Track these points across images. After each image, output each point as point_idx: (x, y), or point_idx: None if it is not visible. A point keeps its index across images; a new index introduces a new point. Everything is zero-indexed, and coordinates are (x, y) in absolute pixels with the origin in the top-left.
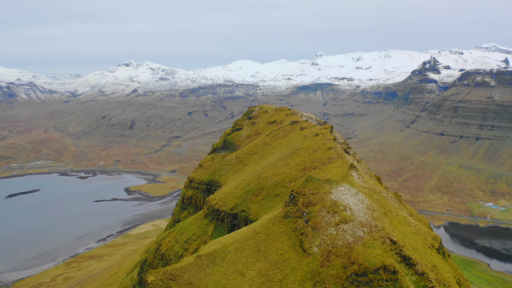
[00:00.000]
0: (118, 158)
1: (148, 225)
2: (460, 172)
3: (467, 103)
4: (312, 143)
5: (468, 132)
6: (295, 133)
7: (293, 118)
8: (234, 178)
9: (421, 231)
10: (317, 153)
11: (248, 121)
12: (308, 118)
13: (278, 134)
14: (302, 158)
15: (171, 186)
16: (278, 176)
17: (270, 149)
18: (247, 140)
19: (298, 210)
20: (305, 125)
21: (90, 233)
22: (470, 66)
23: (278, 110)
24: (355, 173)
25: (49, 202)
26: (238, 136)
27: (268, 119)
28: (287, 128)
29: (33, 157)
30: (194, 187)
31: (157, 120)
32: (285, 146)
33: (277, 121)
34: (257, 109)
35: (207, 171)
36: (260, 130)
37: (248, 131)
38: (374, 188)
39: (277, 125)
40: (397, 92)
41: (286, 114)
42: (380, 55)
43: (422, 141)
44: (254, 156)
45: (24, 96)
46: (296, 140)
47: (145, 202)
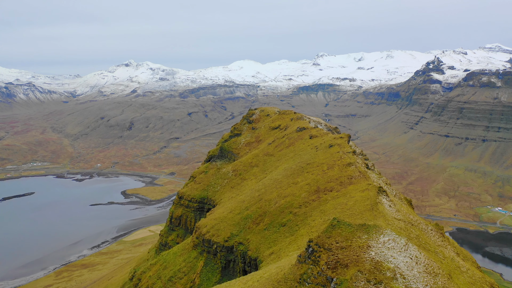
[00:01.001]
0: (116, 160)
1: (145, 230)
2: (467, 175)
3: (473, 104)
4: (325, 156)
5: (474, 134)
6: (303, 142)
7: (300, 124)
8: (230, 197)
9: (475, 277)
10: (333, 170)
11: (247, 125)
12: (317, 123)
13: (282, 142)
14: (314, 176)
15: (169, 189)
16: (284, 198)
17: (274, 161)
18: (247, 148)
19: (320, 274)
20: (315, 132)
21: (84, 239)
22: (475, 66)
23: (281, 113)
24: (385, 199)
25: (43, 206)
26: (236, 143)
27: (270, 124)
28: (293, 135)
29: (29, 159)
30: (184, 204)
31: (156, 121)
32: (292, 159)
33: (281, 126)
34: (258, 112)
35: (199, 186)
36: (262, 137)
37: (247, 137)
38: (410, 220)
39: (281, 132)
40: (400, 92)
41: (292, 118)
42: (382, 55)
43: (426, 143)
44: (255, 169)
45: (23, 96)
46: (305, 152)
47: (142, 206)
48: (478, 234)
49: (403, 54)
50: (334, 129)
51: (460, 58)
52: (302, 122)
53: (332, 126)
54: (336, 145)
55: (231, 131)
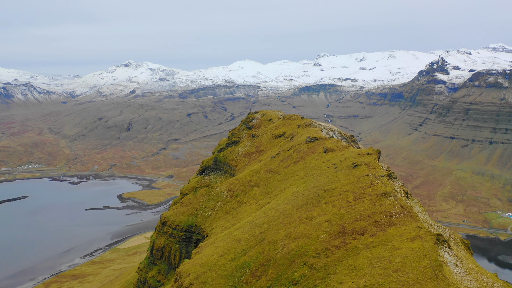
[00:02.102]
0: (114, 162)
1: (140, 237)
2: (474, 179)
3: (479, 105)
4: (349, 180)
5: (481, 136)
6: (316, 157)
7: (310, 132)
8: (224, 226)
9: None
10: (362, 201)
11: (247, 131)
12: (329, 130)
13: (289, 156)
14: (336, 210)
15: (167, 193)
16: (296, 241)
17: (279, 181)
18: (245, 160)
19: None
20: (330, 144)
21: (77, 246)
22: (480, 66)
23: (286, 118)
24: (448, 254)
25: (36, 211)
26: (233, 153)
27: (273, 131)
28: (303, 148)
29: (25, 161)
30: (168, 233)
31: (155, 122)
32: (303, 180)
33: (286, 134)
34: (259, 116)
35: (186, 210)
36: (263, 146)
37: (247, 146)
38: (486, 285)
39: (287, 141)
40: (403, 93)
41: (299, 125)
42: (384, 56)
43: (431, 145)
44: (255, 190)
45: (21, 96)
46: (320, 171)
47: (139, 211)
48: (489, 241)
49: (406, 54)
50: (350, 137)
51: (465, 58)
52: (312, 130)
53: (347, 134)
54: (363, 165)
55: (229, 137)
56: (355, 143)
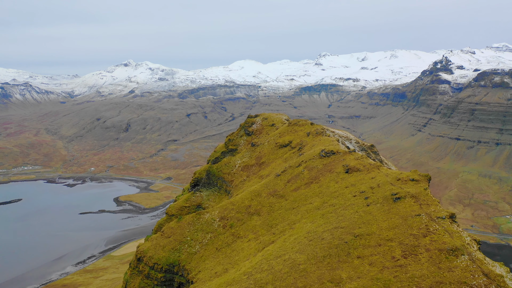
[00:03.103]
0: (111, 164)
1: (135, 244)
2: (481, 181)
3: (485, 106)
4: (391, 221)
5: (487, 137)
6: (335, 178)
7: (324, 143)
8: (214, 271)
9: None
10: (417, 260)
11: (245, 138)
12: (345, 139)
13: (299, 175)
14: (377, 271)
15: (164, 196)
16: None
17: (286, 210)
18: (244, 174)
19: None
20: (353, 162)
21: (69, 253)
22: (485, 66)
23: (292, 124)
24: None
25: (29, 215)
26: (229, 165)
27: (277, 139)
28: (316, 164)
29: (20, 162)
30: (144, 272)
31: (154, 122)
32: (320, 213)
33: (293, 144)
34: (260, 120)
35: (168, 242)
36: (265, 158)
37: (245, 157)
38: None
39: (294, 153)
40: (406, 93)
41: (308, 132)
42: (386, 55)
43: (436, 146)
44: (255, 219)
45: (19, 96)
46: (343, 201)
47: (135, 215)
48: (499, 248)
49: (408, 54)
50: (370, 148)
51: (469, 58)
52: (325, 140)
53: (366, 143)
54: (409, 198)
55: (226, 144)
56: (376, 155)
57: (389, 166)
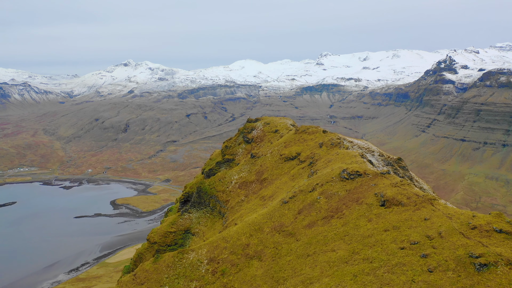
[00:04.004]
0: (109, 165)
1: (131, 249)
2: (488, 184)
3: (491, 106)
4: None
5: (493, 138)
6: (367, 213)
7: (344, 159)
8: None
9: None
10: None
11: (244, 146)
12: (365, 150)
13: (314, 205)
14: None
15: (162, 199)
16: None
17: (298, 257)
18: (241, 193)
19: None
20: (389, 189)
21: (62, 260)
22: (490, 65)
23: (301, 132)
24: None
25: (23, 218)
26: (224, 181)
27: (282, 150)
28: (336, 189)
29: (17, 164)
30: None
31: (153, 123)
32: (349, 273)
33: (302, 157)
34: (261, 125)
35: None
36: (267, 173)
37: (244, 171)
38: None
39: (302, 168)
40: (409, 93)
41: (321, 143)
42: (388, 55)
43: (441, 148)
44: (254, 266)
45: (18, 96)
46: (387, 255)
47: (132, 219)
48: None
49: (410, 54)
50: (397, 162)
51: (473, 57)
52: (344, 154)
53: (391, 156)
54: (504, 266)
55: (222, 152)
56: (405, 171)
57: (420, 185)
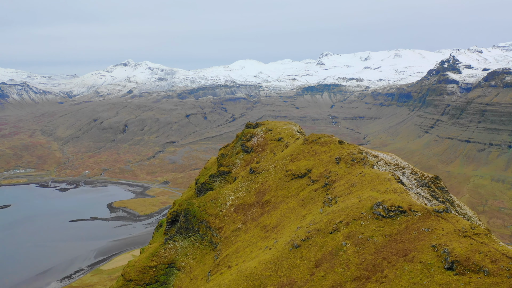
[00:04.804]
0: (106, 166)
1: (127, 255)
2: (494, 186)
3: (496, 106)
4: None
5: (499, 139)
6: (424, 280)
7: (373, 185)
8: None
9: None
10: None
11: (242, 156)
12: (394, 167)
13: (337, 255)
14: None
15: (161, 202)
16: None
17: None
18: (237, 219)
19: None
20: (455, 239)
21: (55, 266)
22: (494, 65)
23: (310, 142)
24: None
25: (16, 222)
26: (217, 202)
27: (287, 164)
28: (370, 232)
29: (13, 165)
30: None
31: (152, 123)
32: None
33: (314, 175)
34: (262, 131)
35: None
36: (270, 195)
37: (241, 190)
38: None
39: (315, 190)
40: (411, 93)
41: (337, 158)
42: (389, 55)
43: (445, 149)
44: None
45: (16, 97)
46: None
47: (129, 223)
48: None
49: (412, 53)
50: (433, 181)
51: (476, 57)
52: (372, 175)
53: (426, 174)
54: None
55: (218, 161)
56: (444, 193)
57: (463, 210)
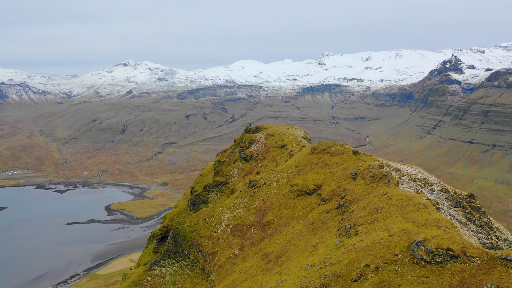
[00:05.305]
0: (105, 168)
1: (124, 260)
2: (498, 188)
3: (500, 107)
4: None
5: (503, 140)
6: None
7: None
8: None
9: None
10: None
11: (241, 165)
12: (422, 184)
13: None
14: None
15: (159, 204)
16: None
17: None
18: (235, 243)
19: None
20: None
21: (51, 271)
22: (497, 65)
23: (319, 151)
24: None
25: (12, 225)
26: (211, 221)
27: (292, 178)
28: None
29: (11, 166)
30: None
31: (152, 124)
32: None
33: (325, 192)
34: (263, 137)
35: None
36: (272, 215)
37: (238, 206)
38: None
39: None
40: (413, 94)
41: (354, 172)
42: (390, 55)
43: (447, 150)
44: None
45: (15, 97)
46: None
47: (127, 226)
48: None
49: (413, 54)
50: (467, 200)
51: (479, 57)
52: (402, 197)
53: (458, 192)
54: None
55: (215, 168)
56: (482, 214)
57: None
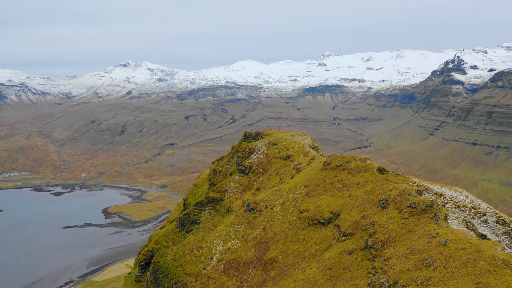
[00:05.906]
0: (103, 169)
1: (121, 265)
2: (503, 191)
3: (504, 108)
4: None
5: (507, 142)
6: None
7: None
8: None
9: None
10: None
11: (239, 179)
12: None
13: None
14: None
15: (158, 207)
16: None
17: None
18: (227, 286)
19: None
20: None
21: (45, 277)
22: (500, 66)
23: (334, 167)
24: None
25: (8, 229)
26: (199, 254)
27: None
28: None
29: (8, 168)
30: None
31: (151, 125)
32: None
33: (344, 224)
34: (264, 146)
35: None
36: (276, 250)
37: (234, 237)
38: None
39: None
40: (415, 94)
41: (383, 201)
42: (391, 55)
43: (451, 152)
44: None
45: (14, 98)
46: None
47: (124, 230)
48: None
49: (414, 54)
50: None
51: (482, 57)
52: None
53: None
54: None
55: (210, 178)
56: None
57: None
